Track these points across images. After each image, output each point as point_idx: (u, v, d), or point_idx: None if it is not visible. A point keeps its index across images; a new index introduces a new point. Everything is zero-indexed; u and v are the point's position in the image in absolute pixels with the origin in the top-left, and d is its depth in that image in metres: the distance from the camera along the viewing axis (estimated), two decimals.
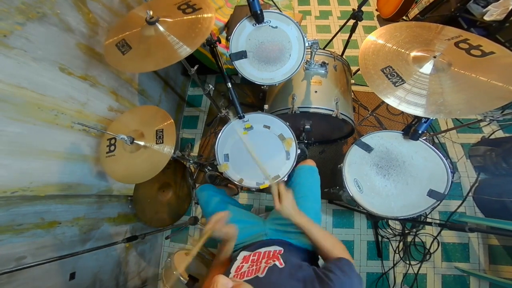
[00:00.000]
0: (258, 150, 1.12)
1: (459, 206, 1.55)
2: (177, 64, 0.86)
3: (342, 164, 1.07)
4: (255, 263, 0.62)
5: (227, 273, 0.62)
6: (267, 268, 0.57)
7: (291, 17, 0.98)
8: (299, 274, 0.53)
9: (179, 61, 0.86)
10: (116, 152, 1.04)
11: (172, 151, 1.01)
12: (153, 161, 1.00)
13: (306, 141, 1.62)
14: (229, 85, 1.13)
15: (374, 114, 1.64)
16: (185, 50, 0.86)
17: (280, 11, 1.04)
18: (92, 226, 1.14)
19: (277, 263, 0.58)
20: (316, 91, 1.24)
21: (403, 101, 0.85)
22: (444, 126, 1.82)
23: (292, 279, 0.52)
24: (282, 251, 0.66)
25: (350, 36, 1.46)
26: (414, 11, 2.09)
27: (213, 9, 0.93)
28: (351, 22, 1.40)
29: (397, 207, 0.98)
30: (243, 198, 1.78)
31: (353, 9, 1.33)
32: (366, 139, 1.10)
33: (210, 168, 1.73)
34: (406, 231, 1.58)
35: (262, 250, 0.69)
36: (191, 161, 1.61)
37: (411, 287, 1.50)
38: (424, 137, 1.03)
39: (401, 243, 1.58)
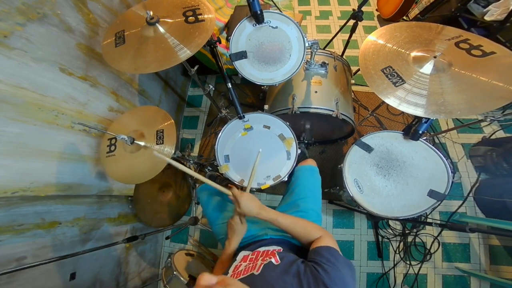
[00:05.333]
0: (258, 150, 1.11)
1: (459, 206, 1.55)
2: (177, 64, 0.86)
3: (342, 164, 1.07)
4: (252, 262, 0.61)
5: (225, 273, 0.62)
6: (262, 265, 0.56)
7: (291, 17, 0.98)
8: (293, 269, 0.52)
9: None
10: (116, 152, 1.04)
11: (173, 151, 1.01)
12: (153, 161, 1.00)
13: (306, 141, 1.62)
14: (229, 85, 1.13)
15: (374, 114, 1.64)
16: (185, 53, 0.86)
17: (280, 11, 1.04)
18: (92, 227, 1.14)
19: (273, 260, 0.58)
20: (316, 91, 1.24)
21: (403, 101, 0.85)
22: (444, 126, 1.82)
23: (286, 274, 0.52)
24: (281, 250, 0.66)
25: (350, 36, 1.46)
26: (414, 11, 2.09)
27: (214, 21, 0.92)
28: (351, 22, 1.40)
29: (398, 207, 0.98)
30: None
31: (353, 9, 1.33)
32: (366, 139, 1.10)
33: (210, 169, 1.73)
34: (407, 231, 1.58)
35: (261, 249, 0.68)
36: (191, 162, 1.61)
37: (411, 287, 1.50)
38: (425, 137, 1.03)
39: (402, 243, 1.58)
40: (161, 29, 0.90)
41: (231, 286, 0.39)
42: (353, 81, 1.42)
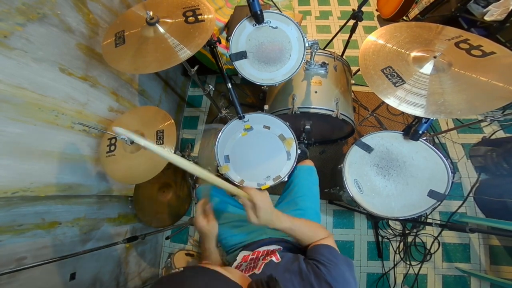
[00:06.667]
0: (258, 151, 1.11)
1: (459, 207, 1.55)
2: (177, 64, 0.86)
3: (342, 165, 1.07)
4: (253, 261, 0.62)
5: None
6: (263, 264, 0.57)
7: (291, 17, 0.98)
8: (295, 267, 0.53)
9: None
10: (116, 152, 1.04)
11: (173, 151, 1.01)
12: (153, 162, 1.00)
13: (306, 142, 1.62)
14: (229, 85, 1.13)
15: (374, 114, 1.64)
16: (185, 53, 0.86)
17: (280, 11, 1.04)
18: (92, 227, 1.14)
19: (273, 258, 0.58)
20: (316, 91, 1.24)
21: (403, 101, 0.85)
22: (444, 126, 1.82)
23: (288, 272, 0.52)
24: (281, 249, 0.66)
25: (350, 36, 1.46)
26: (414, 11, 2.09)
27: (214, 21, 0.92)
28: (351, 22, 1.40)
29: (398, 208, 0.98)
30: None
31: (353, 9, 1.33)
32: (366, 139, 1.10)
33: (210, 169, 1.72)
34: (407, 232, 1.58)
35: (262, 249, 0.69)
36: (192, 162, 1.61)
37: None
38: (425, 137, 1.03)
39: (402, 243, 1.58)
40: (161, 29, 0.90)
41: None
42: (353, 81, 1.42)
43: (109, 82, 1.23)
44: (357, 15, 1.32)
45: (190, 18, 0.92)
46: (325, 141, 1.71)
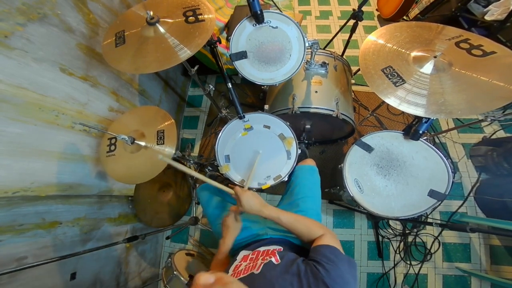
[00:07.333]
0: (258, 151, 1.11)
1: (460, 206, 1.55)
2: (177, 64, 0.86)
3: (342, 164, 1.07)
4: (252, 261, 0.62)
5: (226, 273, 0.62)
6: (262, 264, 0.56)
7: (291, 17, 0.98)
8: (293, 268, 0.52)
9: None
10: (116, 152, 1.04)
11: (173, 151, 1.01)
12: (153, 162, 1.00)
13: (306, 141, 1.62)
14: (229, 85, 1.14)
15: (375, 114, 1.64)
16: (186, 53, 0.86)
17: (280, 11, 1.04)
18: (92, 226, 1.14)
19: (273, 259, 0.58)
20: (316, 91, 1.24)
21: (403, 101, 0.85)
22: (445, 126, 1.81)
23: (287, 273, 0.52)
24: (282, 250, 0.66)
25: (350, 36, 1.46)
26: (414, 11, 2.09)
27: (214, 21, 0.93)
28: (352, 22, 1.40)
29: (398, 207, 0.98)
30: None
31: (353, 9, 1.33)
32: (366, 139, 1.10)
33: (211, 169, 1.73)
34: (407, 231, 1.58)
35: (262, 248, 0.69)
36: (192, 162, 1.61)
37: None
38: (425, 137, 1.03)
39: (402, 243, 1.58)
40: (161, 29, 0.90)
41: (230, 285, 0.37)
42: (353, 81, 1.42)
43: (109, 82, 1.23)
44: (357, 15, 1.32)
45: (190, 18, 0.92)
46: (325, 141, 1.71)
